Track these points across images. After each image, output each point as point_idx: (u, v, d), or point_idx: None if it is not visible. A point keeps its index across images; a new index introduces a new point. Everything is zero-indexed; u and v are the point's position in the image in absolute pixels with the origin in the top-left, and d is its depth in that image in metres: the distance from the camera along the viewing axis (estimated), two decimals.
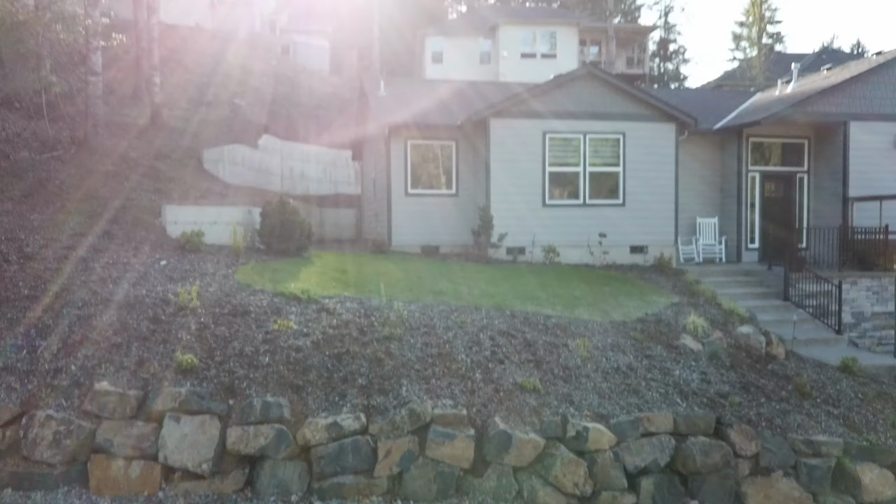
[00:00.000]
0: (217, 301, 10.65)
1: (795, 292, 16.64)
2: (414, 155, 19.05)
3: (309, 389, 9.19)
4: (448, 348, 10.58)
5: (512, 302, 13.05)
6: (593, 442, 9.27)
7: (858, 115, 19.06)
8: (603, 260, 18.11)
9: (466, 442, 8.89)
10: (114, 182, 15.25)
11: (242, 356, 9.47)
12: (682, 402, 10.43)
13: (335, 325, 10.55)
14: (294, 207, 14.74)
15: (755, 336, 13.26)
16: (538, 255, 17.77)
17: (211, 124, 23.91)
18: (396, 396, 9.27)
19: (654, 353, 11.90)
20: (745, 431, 10.05)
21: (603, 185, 18.66)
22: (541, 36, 48.18)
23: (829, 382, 12.36)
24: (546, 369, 10.61)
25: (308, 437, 8.56)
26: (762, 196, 20.37)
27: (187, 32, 34.13)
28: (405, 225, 18.68)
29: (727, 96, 25.45)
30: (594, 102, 18.49)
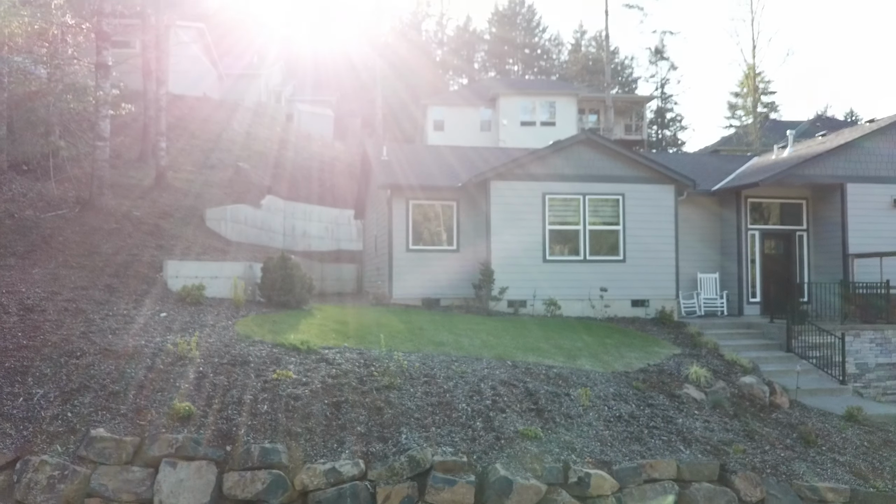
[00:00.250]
0: (216, 351, 10.66)
1: (798, 344, 16.62)
2: (415, 214, 19.32)
3: (307, 437, 9.12)
4: (448, 397, 10.52)
5: (513, 353, 13.02)
6: (595, 488, 9.15)
7: (854, 177, 19.40)
8: (604, 313, 18.12)
9: (467, 488, 8.78)
10: (116, 239, 15.40)
11: (241, 404, 9.43)
12: (685, 449, 10.31)
13: (334, 375, 10.51)
14: (295, 262, 14.85)
15: (758, 385, 13.18)
16: (539, 308, 17.80)
17: (215, 185, 24.26)
18: (396, 444, 9.19)
19: (657, 402, 11.80)
20: (750, 478, 9.92)
21: (603, 242, 18.80)
22: (540, 105, 49.11)
23: (834, 431, 12.22)
24: (548, 418, 10.53)
25: (306, 483, 8.48)
26: (762, 253, 20.52)
27: (194, 102, 34.92)
28: (406, 279, 18.85)
29: (724, 160, 25.85)
30: (592, 165, 18.79)
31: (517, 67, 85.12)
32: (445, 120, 49.49)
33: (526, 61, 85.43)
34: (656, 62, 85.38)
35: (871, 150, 19.56)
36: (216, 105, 36.86)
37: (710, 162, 25.19)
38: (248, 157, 29.77)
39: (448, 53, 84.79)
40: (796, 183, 19.59)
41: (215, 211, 20.42)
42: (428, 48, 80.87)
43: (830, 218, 19.86)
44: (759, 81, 76.13)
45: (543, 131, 46.63)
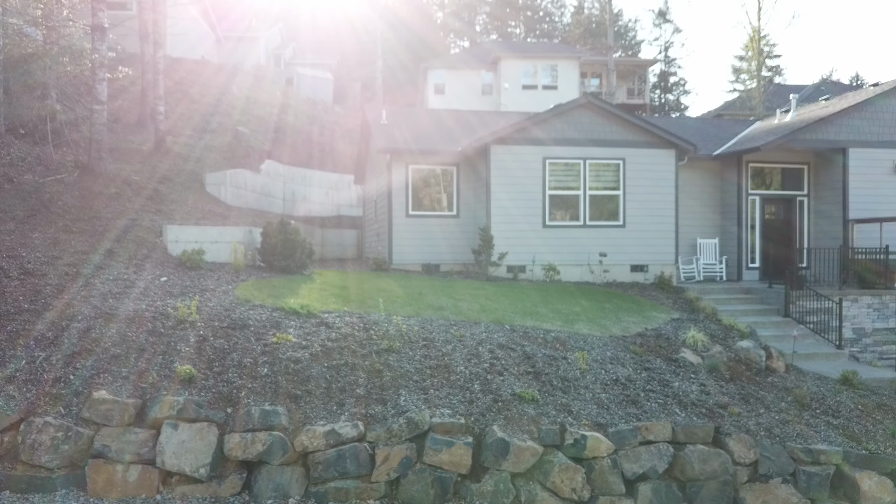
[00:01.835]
0: (216, 315, 10.73)
1: (796, 309, 16.71)
2: (415, 178, 19.31)
3: (307, 399, 9.23)
4: (447, 360, 10.62)
5: (511, 317, 13.10)
6: (591, 449, 9.28)
7: (857, 142, 19.30)
8: (603, 278, 18.19)
9: (464, 449, 8.92)
10: (116, 204, 15.40)
11: (241, 367, 9.52)
12: (680, 412, 10.43)
13: (334, 339, 10.60)
14: (295, 227, 14.87)
15: (755, 350, 13.27)
16: (538, 273, 17.87)
17: (214, 150, 24.17)
18: (395, 406, 9.31)
19: (654, 365, 11.91)
20: (744, 440, 10.04)
21: (603, 207, 18.79)
22: (542, 69, 48.69)
23: (829, 394, 12.34)
24: (545, 381, 10.63)
25: (306, 444, 8.60)
26: (762, 218, 20.52)
27: (192, 66, 34.64)
28: (406, 244, 18.92)
29: (727, 125, 25.71)
30: (593, 130, 18.70)
31: (519, 30, 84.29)
32: (446, 84, 49.14)
33: (528, 24, 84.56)
34: (660, 25, 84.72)
35: (873, 114, 19.46)
36: (215, 69, 36.57)
37: (712, 126, 25.07)
38: (247, 122, 29.62)
39: (449, 16, 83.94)
40: (798, 147, 19.53)
41: (215, 176, 20.39)
42: (429, 10, 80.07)
43: (832, 183, 19.84)
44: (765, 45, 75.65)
45: (545, 95, 46.35)
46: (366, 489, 8.62)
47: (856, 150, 19.25)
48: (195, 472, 8.21)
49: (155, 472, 8.18)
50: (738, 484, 9.79)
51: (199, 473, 8.22)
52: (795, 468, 10.01)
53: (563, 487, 9.00)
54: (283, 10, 67.25)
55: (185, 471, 8.20)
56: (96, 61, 16.32)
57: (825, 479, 9.93)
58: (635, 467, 9.42)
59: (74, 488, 7.96)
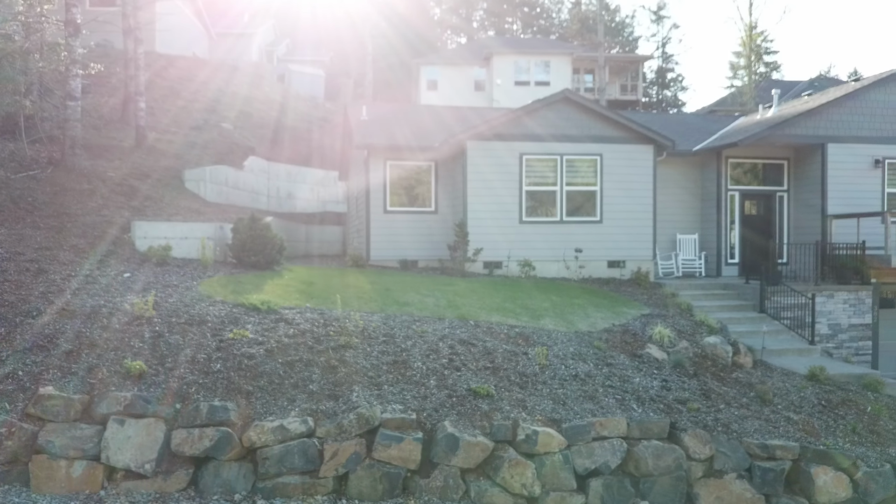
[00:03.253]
0: (174, 311, 10.73)
1: (771, 305, 16.69)
2: (393, 174, 19.29)
3: (259, 395, 9.24)
4: (404, 356, 10.62)
5: (477, 313, 13.09)
6: (543, 445, 9.28)
7: (836, 137, 19.24)
8: (579, 274, 18.17)
9: (413, 444, 8.93)
10: (88, 200, 15.39)
11: (194, 363, 9.53)
12: (638, 407, 10.42)
13: (291, 335, 10.61)
14: (265, 223, 14.85)
15: (722, 346, 13.26)
16: (514, 269, 17.85)
17: (198, 147, 24.16)
18: (346, 402, 9.31)
19: (616, 361, 11.90)
20: (700, 435, 10.04)
21: (580, 203, 18.77)
22: (534, 65, 48.64)
23: (793, 390, 12.32)
24: (502, 376, 10.63)
25: (253, 440, 8.61)
26: (742, 213, 20.49)
27: (181, 62, 34.62)
28: (383, 240, 18.91)
29: (712, 121, 25.64)
30: (570, 125, 18.66)
31: (516, 26, 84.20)
32: (439, 80, 49.13)
33: (525, 20, 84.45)
34: (658, 21, 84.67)
35: (852, 109, 19.40)
36: (205, 65, 36.55)
37: (697, 122, 25.03)
38: (234, 118, 29.60)
39: (446, 12, 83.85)
40: (777, 143, 19.48)
41: (194, 172, 20.38)
42: (426, 6, 79.99)
43: (811, 178, 19.79)
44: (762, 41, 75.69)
45: (538, 91, 46.13)
46: (313, 485, 8.63)
47: (835, 146, 19.20)
48: (140, 468, 8.22)
49: (100, 467, 8.18)
50: (692, 479, 9.79)
51: (145, 469, 8.23)
52: (751, 463, 10.01)
53: (512, 483, 9.00)
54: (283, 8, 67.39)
55: (130, 466, 8.21)
56: (66, 58, 16.30)
57: (780, 474, 9.93)
58: (587, 463, 9.43)
59: (17, 484, 7.97)
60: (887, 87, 19.44)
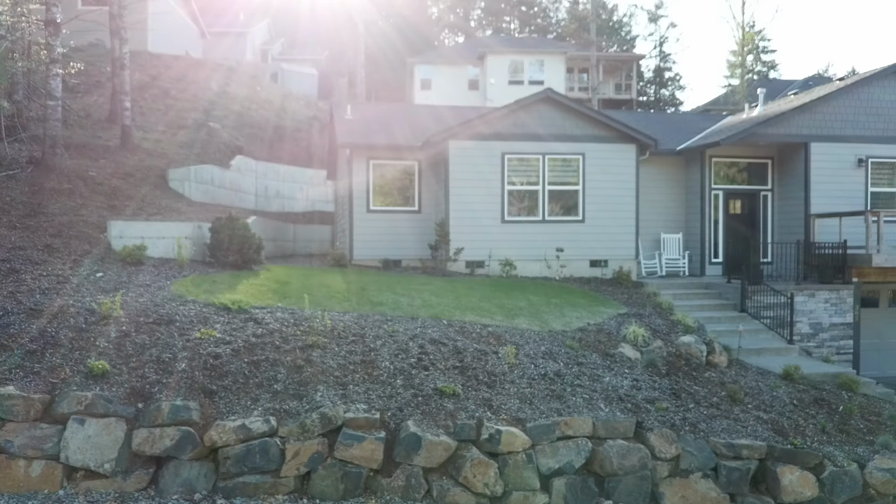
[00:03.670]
0: (143, 311, 10.74)
1: (752, 304, 16.69)
2: (376, 174, 19.30)
3: (222, 394, 9.25)
4: (373, 356, 10.63)
5: (452, 312, 13.10)
6: (506, 444, 9.30)
7: (819, 136, 19.20)
8: (561, 273, 18.17)
9: (375, 444, 8.94)
10: (67, 199, 15.40)
11: (159, 362, 9.54)
12: (605, 407, 10.43)
13: (259, 334, 10.61)
14: (243, 223, 14.87)
15: (696, 345, 13.25)
16: (496, 268, 17.87)
17: (185, 146, 24.17)
18: (310, 401, 9.33)
19: (588, 361, 11.91)
20: (666, 435, 10.05)
21: (563, 202, 18.77)
22: (528, 64, 48.69)
23: (766, 389, 12.33)
24: (471, 375, 10.64)
25: (215, 439, 8.63)
26: (726, 213, 20.48)
27: (172, 61, 34.61)
28: (366, 240, 18.93)
29: (700, 119, 25.60)
30: (553, 125, 18.66)
31: (514, 25, 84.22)
32: (433, 79, 49.18)
33: (522, 19, 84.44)
34: (654, 20, 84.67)
35: (836, 109, 19.37)
36: (196, 64, 36.56)
37: (684, 121, 25.02)
38: (224, 118, 29.60)
39: (444, 11, 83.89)
40: (759, 142, 19.46)
41: (178, 171, 20.38)
42: (424, 4, 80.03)
43: (795, 177, 19.76)
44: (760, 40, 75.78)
45: (531, 90, 45.65)
46: (274, 484, 8.65)
47: (818, 145, 19.18)
48: (100, 468, 8.24)
49: (59, 467, 8.20)
50: (658, 479, 9.80)
51: (104, 468, 8.25)
52: (717, 463, 10.02)
53: (475, 482, 9.02)
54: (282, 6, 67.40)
55: (89, 466, 8.24)
56: (49, 57, 16.33)
57: (745, 473, 9.94)
58: (551, 462, 9.43)
59: None
60: (871, 86, 19.42)
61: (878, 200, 19.49)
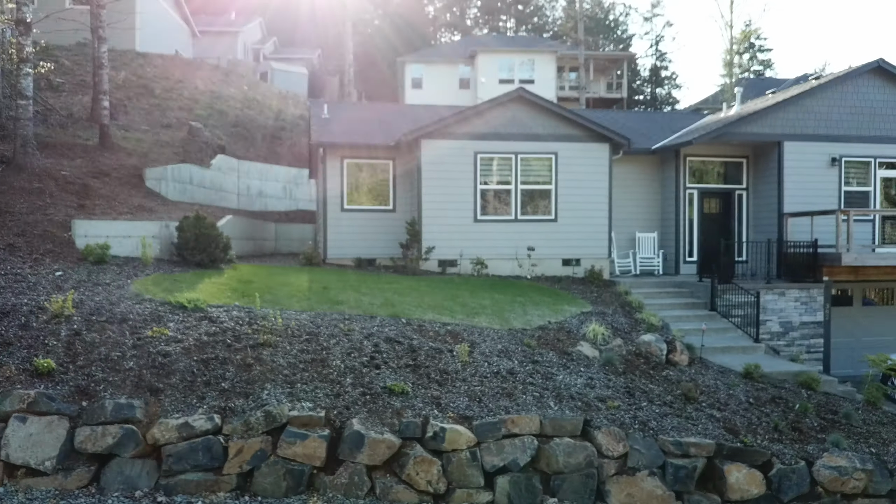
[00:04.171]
0: (97, 309, 10.80)
1: (722, 303, 16.75)
2: (350, 173, 19.35)
3: (169, 392, 9.30)
4: (324, 354, 10.69)
5: (412, 311, 13.15)
6: (450, 442, 9.34)
7: (793, 135, 19.24)
8: (533, 272, 18.23)
9: (318, 442, 8.99)
10: (36, 198, 15.46)
11: (107, 361, 9.59)
12: (555, 405, 10.47)
13: (212, 332, 10.68)
14: (210, 222, 14.93)
15: (656, 343, 13.29)
16: (468, 267, 17.92)
17: (166, 146, 24.24)
18: (256, 399, 9.38)
19: (544, 359, 11.96)
20: (614, 433, 10.09)
21: (535, 201, 18.82)
22: (519, 63, 48.70)
23: (723, 387, 12.37)
24: (422, 374, 10.70)
25: (157, 437, 8.68)
26: (700, 212, 20.52)
27: (159, 61, 34.68)
28: (340, 239, 19.00)
29: (678, 118, 25.65)
30: (526, 124, 18.72)
31: (510, 24, 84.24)
32: (424, 78, 49.24)
33: (519, 18, 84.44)
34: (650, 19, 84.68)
35: (810, 108, 19.41)
36: (184, 64, 36.61)
37: (664, 120, 25.05)
38: (208, 117, 29.68)
39: (441, 10, 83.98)
40: (733, 141, 19.49)
41: (155, 171, 20.43)
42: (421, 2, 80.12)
43: (769, 177, 19.81)
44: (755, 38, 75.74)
45: None
46: (217, 482, 8.70)
47: (791, 144, 19.22)
48: (40, 465, 8.29)
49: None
50: (605, 477, 9.84)
51: (45, 466, 8.30)
52: (665, 461, 10.06)
53: (418, 480, 9.07)
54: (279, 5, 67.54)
55: (30, 464, 8.29)
56: (18, 56, 16.38)
57: (692, 471, 9.98)
58: (496, 460, 9.47)
59: None
60: (844, 85, 19.46)
61: (851, 199, 19.53)
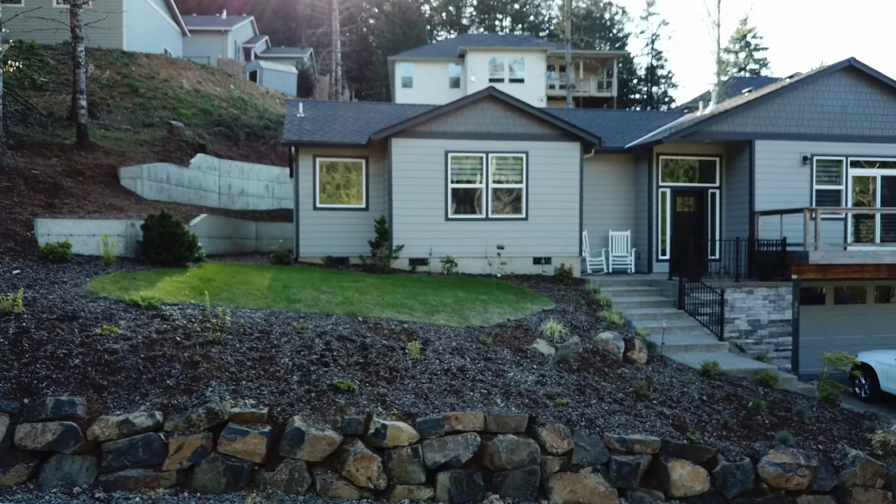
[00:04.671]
0: (49, 307, 10.87)
1: (690, 301, 16.81)
2: (323, 172, 19.40)
3: (112, 389, 9.38)
4: (273, 352, 10.76)
5: (370, 309, 13.22)
6: (392, 439, 9.42)
7: (764, 134, 19.24)
8: (503, 270, 18.29)
9: (259, 438, 9.07)
10: (2, 197, 15.51)
11: (53, 358, 9.67)
12: (502, 402, 10.53)
13: (163, 330, 10.75)
14: (176, 220, 14.99)
15: (614, 341, 13.36)
16: (437, 265, 17.99)
17: (146, 144, 24.30)
18: (200, 397, 9.45)
19: (498, 356, 12.02)
20: (559, 430, 10.15)
21: (506, 200, 18.87)
22: (509, 62, 48.72)
23: (678, 385, 12.43)
24: (371, 371, 10.77)
25: (97, 433, 8.77)
26: (673, 210, 20.54)
27: (145, 60, 34.67)
28: (313, 238, 19.06)
29: (656, 117, 25.56)
30: (497, 123, 18.76)
31: (506, 23, 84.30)
32: (414, 77, 49.28)
33: (515, 16, 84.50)
34: (647, 17, 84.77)
35: (781, 106, 19.43)
36: (171, 63, 36.60)
37: (640, 119, 25.06)
38: (192, 116, 29.74)
39: (437, 8, 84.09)
40: (704, 139, 19.50)
41: (130, 170, 20.50)
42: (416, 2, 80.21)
43: (741, 175, 19.83)
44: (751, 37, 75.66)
45: (511, 88, 46.32)
46: (156, 478, 8.78)
47: (763, 142, 19.25)
48: None
49: None
50: (549, 473, 9.92)
51: None
52: (609, 457, 10.12)
53: (358, 476, 9.16)
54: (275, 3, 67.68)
55: None
56: None
57: (636, 468, 10.05)
58: (438, 457, 9.55)
59: None
60: (816, 84, 19.48)
61: (823, 198, 19.56)
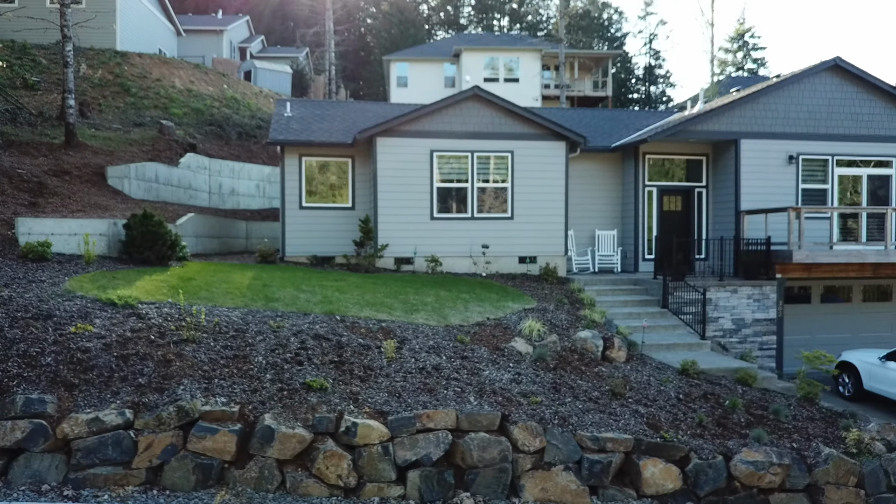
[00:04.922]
0: (24, 306, 10.90)
1: (674, 300, 16.85)
2: (309, 171, 19.43)
3: (84, 387, 9.40)
4: (248, 351, 10.78)
5: (349, 308, 13.24)
6: (362, 437, 9.44)
7: (750, 133, 19.29)
8: (487, 269, 18.33)
9: (229, 436, 9.10)
10: None
11: (25, 357, 9.69)
12: (475, 400, 10.56)
13: (137, 329, 10.77)
14: (158, 220, 15.02)
15: (592, 340, 13.38)
16: (422, 264, 18.01)
17: (136, 144, 24.33)
18: (171, 395, 9.47)
19: (474, 355, 12.04)
20: (531, 428, 10.17)
21: (492, 199, 18.90)
22: (504, 61, 48.76)
23: (655, 384, 12.45)
24: (346, 370, 10.79)
25: (67, 432, 8.79)
26: (660, 210, 20.58)
27: (138, 59, 34.73)
28: (299, 237, 19.10)
29: (644, 117, 25.61)
30: (482, 122, 18.80)
31: (504, 22, 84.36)
32: (409, 76, 49.31)
33: (513, 16, 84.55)
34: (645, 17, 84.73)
35: (767, 106, 19.46)
36: (164, 62, 36.64)
37: (629, 118, 25.08)
38: (183, 116, 29.78)
39: (435, 8, 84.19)
40: (690, 139, 19.53)
41: (118, 169, 20.53)
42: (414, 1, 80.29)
43: (727, 174, 19.86)
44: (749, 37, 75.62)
45: (506, 87, 46.42)
46: (126, 475, 8.80)
47: (748, 141, 19.28)
48: None
49: None
50: (520, 471, 9.93)
51: None
52: (582, 455, 10.15)
53: (328, 474, 9.18)
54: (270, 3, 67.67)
55: None
56: None
57: (607, 466, 10.07)
58: (409, 454, 9.57)
59: None
60: (801, 83, 19.51)
61: (809, 197, 19.60)
